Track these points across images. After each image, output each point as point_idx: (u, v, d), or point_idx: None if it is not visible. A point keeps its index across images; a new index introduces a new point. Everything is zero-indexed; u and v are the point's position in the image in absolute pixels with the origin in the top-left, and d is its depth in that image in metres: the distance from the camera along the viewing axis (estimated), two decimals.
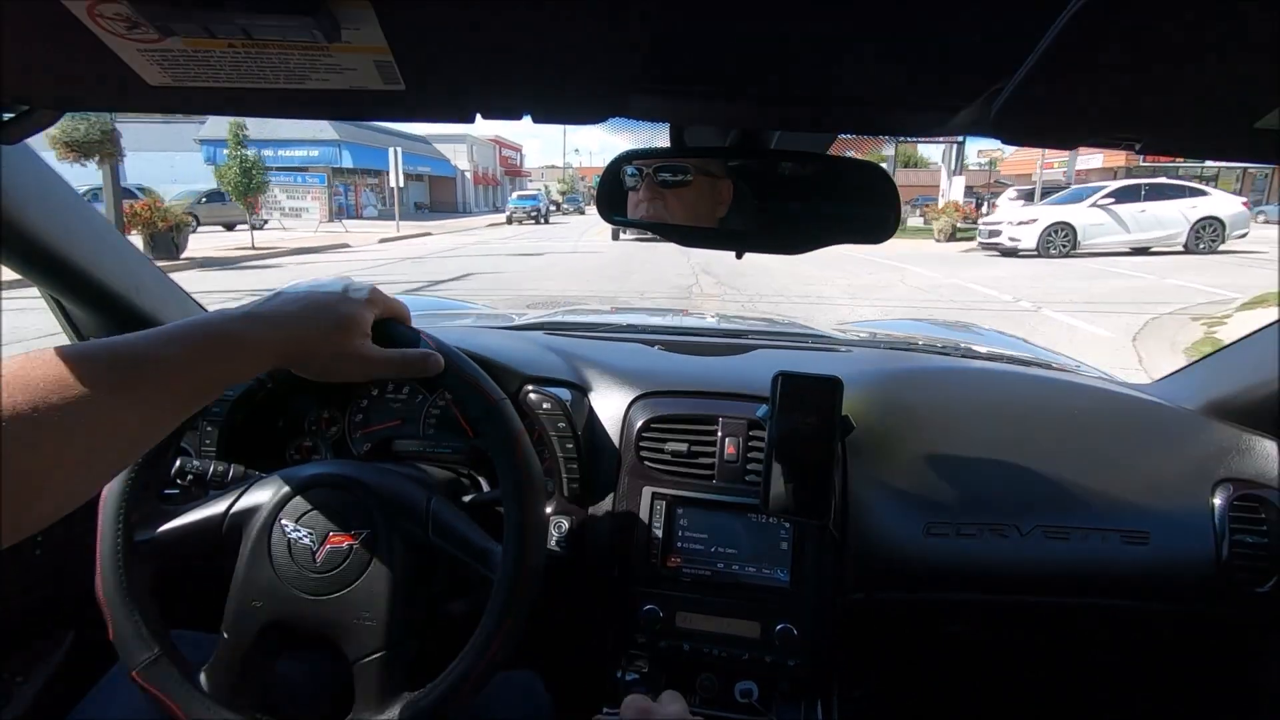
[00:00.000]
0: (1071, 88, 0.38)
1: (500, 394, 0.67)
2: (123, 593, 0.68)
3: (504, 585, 0.64)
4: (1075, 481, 0.94)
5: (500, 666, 0.64)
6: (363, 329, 0.59)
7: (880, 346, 1.40)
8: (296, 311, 0.55)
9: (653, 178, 0.69)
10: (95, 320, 0.87)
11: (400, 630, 0.68)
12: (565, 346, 1.11)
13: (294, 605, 0.68)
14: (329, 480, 0.71)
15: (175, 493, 0.81)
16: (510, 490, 0.65)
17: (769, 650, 0.88)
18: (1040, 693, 1.21)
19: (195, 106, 0.46)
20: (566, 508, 0.95)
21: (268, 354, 0.53)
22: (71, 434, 0.41)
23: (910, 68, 0.47)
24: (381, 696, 0.66)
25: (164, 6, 0.32)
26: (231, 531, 0.71)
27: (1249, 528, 0.91)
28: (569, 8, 0.34)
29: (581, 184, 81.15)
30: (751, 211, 0.69)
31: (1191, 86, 0.37)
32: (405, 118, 0.49)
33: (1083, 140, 0.46)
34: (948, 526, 0.91)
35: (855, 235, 0.69)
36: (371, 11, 0.33)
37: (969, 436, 0.99)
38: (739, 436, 0.94)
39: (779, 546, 0.90)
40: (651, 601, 0.90)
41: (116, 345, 0.45)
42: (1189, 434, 1.00)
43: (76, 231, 0.76)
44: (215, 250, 12.87)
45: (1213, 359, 1.09)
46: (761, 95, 0.52)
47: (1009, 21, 0.41)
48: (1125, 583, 0.92)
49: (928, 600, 0.95)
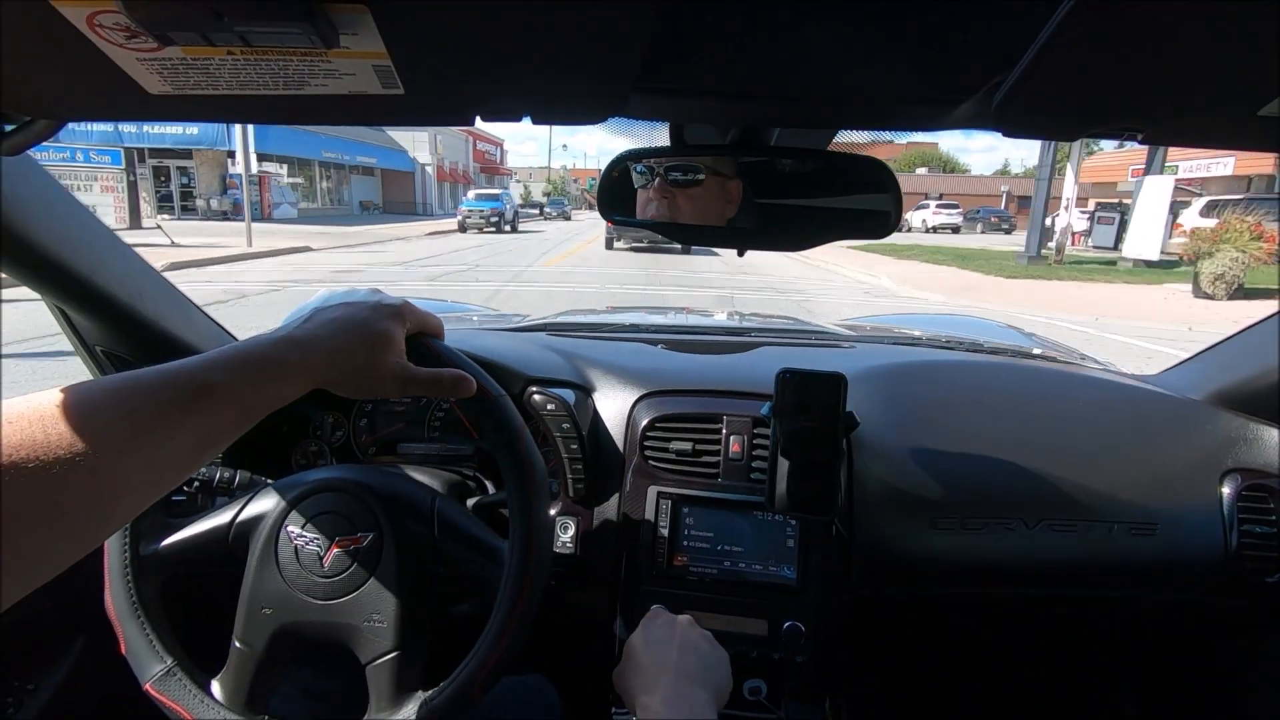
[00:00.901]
0: (1073, 78, 0.37)
1: (499, 390, 0.67)
2: (132, 606, 0.69)
3: (513, 578, 0.64)
4: (1081, 474, 0.94)
5: (513, 661, 0.64)
6: (397, 347, 0.60)
7: (884, 342, 1.40)
8: (332, 334, 0.56)
9: (664, 177, 0.69)
10: (100, 328, 0.87)
11: (411, 630, 0.68)
12: (568, 347, 1.11)
13: (304, 611, 0.68)
14: (332, 485, 0.71)
15: (182, 499, 0.82)
16: (514, 485, 0.66)
17: (777, 647, 0.88)
18: (1048, 686, 1.20)
19: (196, 114, 0.46)
20: (572, 509, 0.95)
21: (307, 378, 0.54)
22: (133, 457, 0.42)
23: (911, 61, 0.47)
24: (395, 696, 0.66)
25: (162, 15, 0.32)
26: (238, 541, 0.71)
27: (1258, 518, 0.91)
28: (567, 8, 0.34)
29: (574, 186, 76.62)
30: (755, 209, 0.69)
31: (1194, 75, 0.37)
32: (405, 121, 0.49)
33: (1085, 131, 0.46)
34: (954, 521, 0.91)
35: (858, 231, 0.69)
36: (369, 17, 0.33)
37: (974, 431, 0.98)
38: (744, 434, 0.94)
39: (785, 544, 0.90)
40: (658, 601, 0.90)
41: (170, 372, 0.47)
42: (1196, 424, 0.99)
43: (79, 241, 0.76)
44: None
45: (1218, 349, 1.08)
46: (761, 92, 0.52)
47: (1010, 13, 0.41)
48: (1133, 574, 0.92)
49: (935, 595, 0.95)
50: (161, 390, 0.46)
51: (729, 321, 1.65)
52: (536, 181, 74.75)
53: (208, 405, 0.47)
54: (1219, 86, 0.38)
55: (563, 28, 0.36)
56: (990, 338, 1.47)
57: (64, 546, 0.40)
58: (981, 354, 1.28)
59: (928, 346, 1.33)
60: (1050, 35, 0.33)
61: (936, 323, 2.25)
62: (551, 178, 75.28)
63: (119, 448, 0.42)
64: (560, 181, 74.63)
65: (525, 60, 0.39)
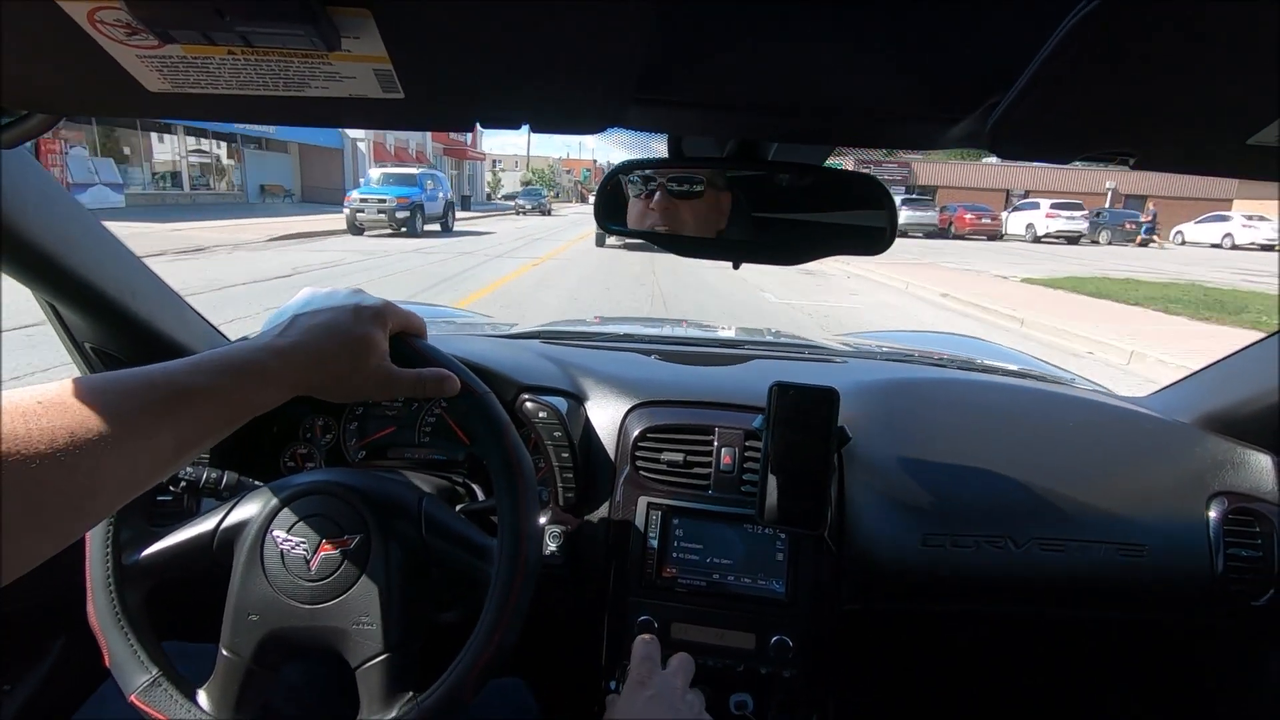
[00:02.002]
0: (1068, 102, 0.38)
1: (484, 387, 0.67)
2: (115, 618, 0.68)
3: (503, 575, 0.64)
4: (1071, 493, 0.94)
5: (505, 658, 0.64)
6: (379, 350, 0.60)
7: (876, 358, 1.40)
8: (313, 340, 0.57)
9: (665, 188, 0.69)
10: (90, 326, 0.87)
11: (400, 632, 0.67)
12: (561, 355, 1.11)
13: (291, 616, 0.67)
14: (317, 488, 0.70)
15: (168, 499, 0.81)
16: (502, 481, 0.65)
17: (764, 661, 0.87)
18: (1036, 703, 1.20)
19: (195, 113, 0.46)
20: (562, 517, 0.94)
21: (289, 385, 0.55)
22: (109, 456, 0.43)
23: (909, 79, 0.47)
24: (386, 699, 0.65)
25: (164, 13, 0.32)
26: (223, 548, 0.70)
27: (1244, 541, 0.91)
28: (569, 18, 0.34)
29: (567, 177, 70.19)
30: (748, 222, 0.69)
31: (1186, 102, 0.37)
32: (404, 126, 0.49)
33: (1078, 155, 0.46)
34: (944, 537, 0.91)
35: (852, 247, 0.70)
36: (372, 21, 0.33)
37: (965, 448, 0.99)
38: (735, 447, 0.93)
39: (775, 557, 0.90)
40: (646, 612, 0.89)
41: (152, 374, 0.48)
42: (1184, 447, 1.00)
43: (73, 237, 0.76)
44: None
45: (1208, 372, 1.09)
46: (760, 107, 0.52)
47: (1006, 35, 0.41)
48: (1121, 595, 0.92)
49: (924, 611, 0.95)
50: (142, 392, 0.46)
51: (723, 334, 1.66)
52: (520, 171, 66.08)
53: (188, 409, 0.48)
54: (1211, 114, 0.38)
55: (564, 37, 0.36)
56: (983, 356, 1.47)
57: (39, 541, 0.40)
58: (974, 372, 1.29)
59: (921, 363, 1.34)
60: (1046, 58, 0.34)
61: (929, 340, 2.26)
62: (534, 165, 66.86)
63: (98, 446, 0.42)
64: (548, 171, 67.10)
65: (525, 69, 0.39)
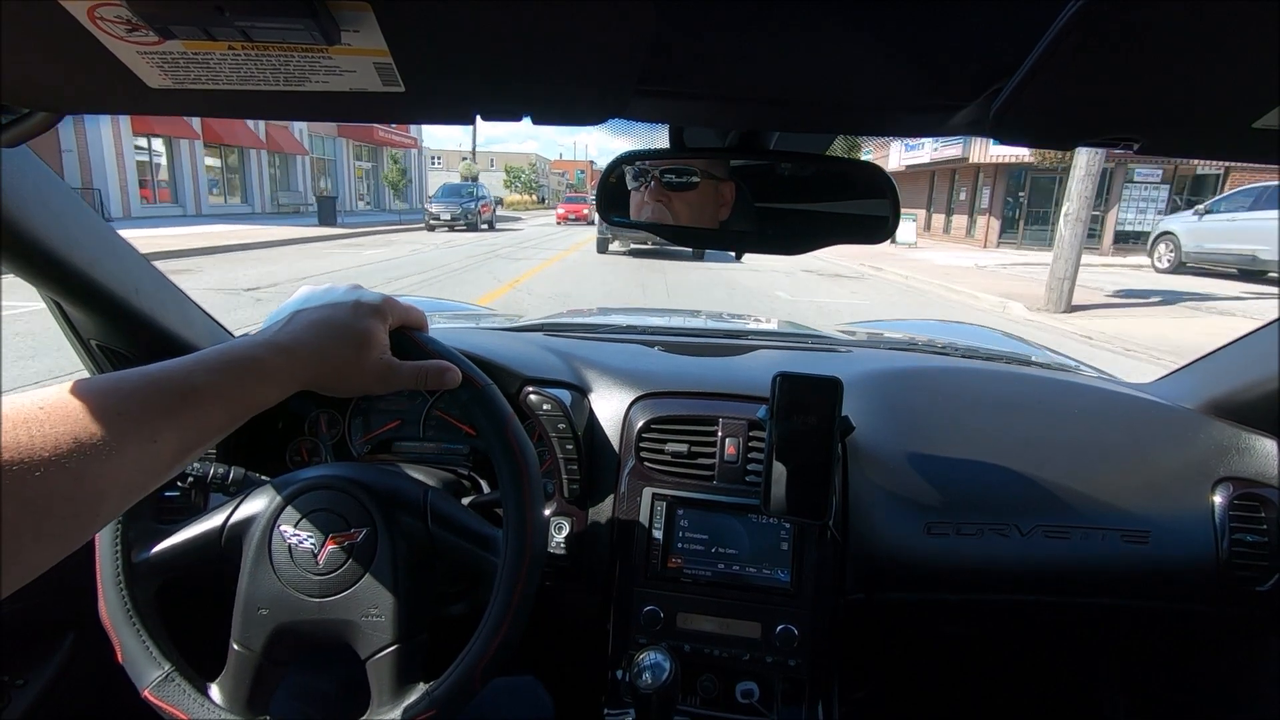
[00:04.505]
0: (1071, 88, 0.38)
1: (486, 379, 0.67)
2: (127, 614, 0.69)
3: (510, 564, 0.64)
4: (1075, 481, 0.94)
5: (513, 647, 0.64)
6: (380, 344, 0.60)
7: (880, 347, 1.40)
8: (314, 336, 0.57)
9: (659, 179, 0.70)
10: (95, 322, 0.87)
11: (409, 622, 0.68)
12: (565, 348, 1.11)
13: (300, 610, 0.68)
14: (322, 483, 0.71)
15: (175, 495, 0.81)
16: (506, 471, 0.66)
17: (770, 651, 0.88)
18: (1040, 690, 1.21)
19: (195, 109, 0.46)
20: (567, 509, 0.95)
21: (291, 380, 0.55)
22: (114, 460, 0.42)
23: (911, 67, 0.47)
24: (397, 689, 0.66)
25: (164, 9, 0.32)
26: (231, 543, 0.71)
27: (1249, 526, 0.91)
28: (570, 9, 0.34)
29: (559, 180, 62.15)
30: (751, 212, 0.69)
31: (1190, 86, 0.37)
32: (405, 119, 0.49)
33: (1081, 141, 0.46)
34: (948, 526, 0.91)
35: (854, 236, 0.70)
36: (371, 14, 0.33)
37: (969, 437, 0.99)
38: (739, 437, 0.94)
39: (779, 547, 0.90)
40: (652, 602, 0.90)
41: (153, 374, 0.47)
42: (1189, 433, 1.00)
43: (76, 234, 0.76)
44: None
45: (1212, 358, 1.09)
46: (761, 97, 0.52)
47: (1009, 21, 0.41)
48: (1126, 581, 0.92)
49: (928, 600, 0.95)
50: (145, 393, 0.46)
51: (726, 324, 1.66)
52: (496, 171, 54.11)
53: (193, 408, 0.48)
54: (1214, 99, 0.38)
55: (564, 30, 0.36)
56: (987, 344, 1.47)
57: (46, 549, 0.40)
58: (977, 360, 1.28)
59: (924, 352, 1.34)
60: (1049, 44, 0.33)
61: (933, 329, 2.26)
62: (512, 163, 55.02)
63: (104, 451, 0.41)
64: (528, 170, 55.90)
65: (526, 61, 0.39)
